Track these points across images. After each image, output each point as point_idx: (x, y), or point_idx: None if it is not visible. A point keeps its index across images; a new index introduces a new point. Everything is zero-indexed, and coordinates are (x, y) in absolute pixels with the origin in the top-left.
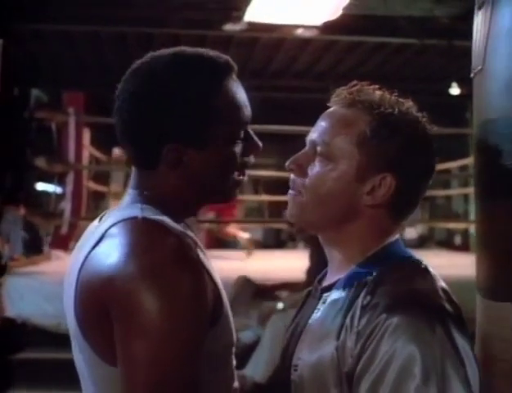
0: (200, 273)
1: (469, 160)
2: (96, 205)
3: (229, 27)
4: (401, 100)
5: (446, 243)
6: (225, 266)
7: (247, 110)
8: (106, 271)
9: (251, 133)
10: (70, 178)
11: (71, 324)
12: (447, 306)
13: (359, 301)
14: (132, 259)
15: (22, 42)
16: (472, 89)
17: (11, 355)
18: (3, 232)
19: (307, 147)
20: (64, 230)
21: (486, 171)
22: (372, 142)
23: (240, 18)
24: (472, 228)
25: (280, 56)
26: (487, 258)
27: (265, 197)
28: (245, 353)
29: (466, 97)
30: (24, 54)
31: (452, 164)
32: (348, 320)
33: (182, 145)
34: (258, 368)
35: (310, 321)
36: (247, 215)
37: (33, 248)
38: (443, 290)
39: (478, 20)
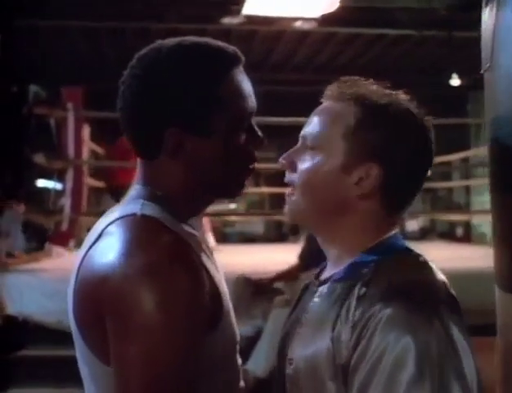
0: (198, 273)
1: (471, 152)
2: (98, 200)
3: (227, 21)
4: (391, 91)
5: (448, 235)
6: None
7: (251, 102)
8: (102, 270)
9: (255, 126)
10: (70, 174)
11: (71, 324)
12: (445, 299)
13: (355, 292)
14: (128, 259)
15: (20, 38)
16: (475, 80)
17: (13, 353)
18: (3, 229)
19: (299, 143)
20: (64, 226)
21: (500, 165)
22: (357, 132)
23: (238, 11)
24: (474, 220)
25: (279, 49)
26: (505, 251)
27: (265, 190)
28: (246, 346)
29: (467, 88)
30: (22, 50)
31: (453, 156)
32: (343, 312)
33: (184, 131)
34: (259, 363)
35: (305, 314)
36: (248, 208)
37: (34, 245)
38: (442, 282)
39: (486, 17)
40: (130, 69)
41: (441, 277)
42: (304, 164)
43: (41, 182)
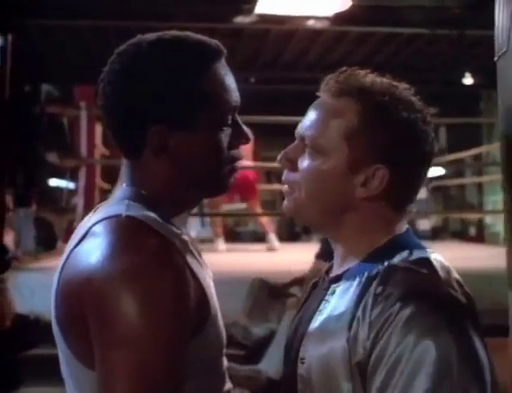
0: (182, 275)
1: (483, 149)
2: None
3: (239, 19)
4: (394, 84)
5: (461, 234)
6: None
7: (235, 95)
8: (85, 271)
9: (239, 120)
10: (82, 173)
11: (53, 324)
12: (462, 299)
13: (371, 291)
14: (111, 261)
15: (31, 38)
16: (488, 78)
17: (24, 352)
18: (15, 229)
19: (296, 140)
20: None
21: None
22: (362, 132)
23: (250, 10)
24: (486, 219)
25: (291, 48)
26: None
27: (277, 188)
28: (259, 346)
29: (480, 86)
30: (33, 49)
31: (466, 154)
32: (359, 311)
33: (168, 127)
34: (272, 364)
35: (318, 312)
36: (260, 207)
37: (46, 244)
38: (457, 281)
39: (500, 5)
40: (110, 65)
41: (455, 276)
42: (305, 163)
43: (53, 181)
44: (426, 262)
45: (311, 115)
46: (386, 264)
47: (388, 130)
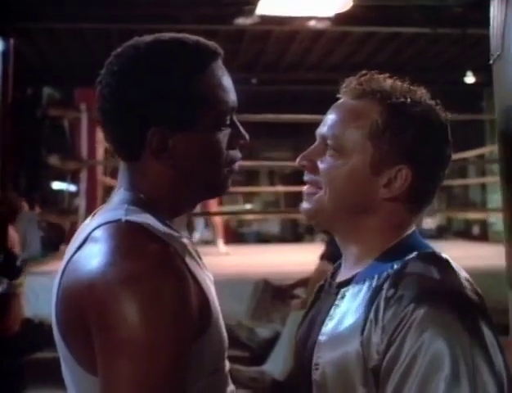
0: (184, 280)
1: (486, 149)
2: None
3: (241, 21)
4: (413, 88)
5: (465, 233)
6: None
7: (233, 96)
8: (86, 278)
9: (237, 122)
10: (84, 175)
11: (54, 330)
12: (473, 297)
13: (382, 294)
14: (112, 267)
15: (33, 41)
16: (489, 76)
17: (28, 355)
18: (18, 232)
19: (317, 142)
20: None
21: (510, 158)
22: (385, 133)
23: (251, 11)
24: (490, 218)
25: (293, 49)
26: None
27: (281, 189)
28: (263, 348)
29: (481, 85)
30: (35, 52)
31: (469, 153)
32: (371, 314)
33: (167, 128)
34: (277, 365)
35: (329, 317)
36: (264, 208)
37: (50, 246)
38: (467, 280)
39: (495, 6)
40: (107, 66)
41: (465, 274)
42: (327, 164)
43: (56, 184)
44: (435, 262)
45: (332, 116)
46: (396, 266)
47: (410, 130)
